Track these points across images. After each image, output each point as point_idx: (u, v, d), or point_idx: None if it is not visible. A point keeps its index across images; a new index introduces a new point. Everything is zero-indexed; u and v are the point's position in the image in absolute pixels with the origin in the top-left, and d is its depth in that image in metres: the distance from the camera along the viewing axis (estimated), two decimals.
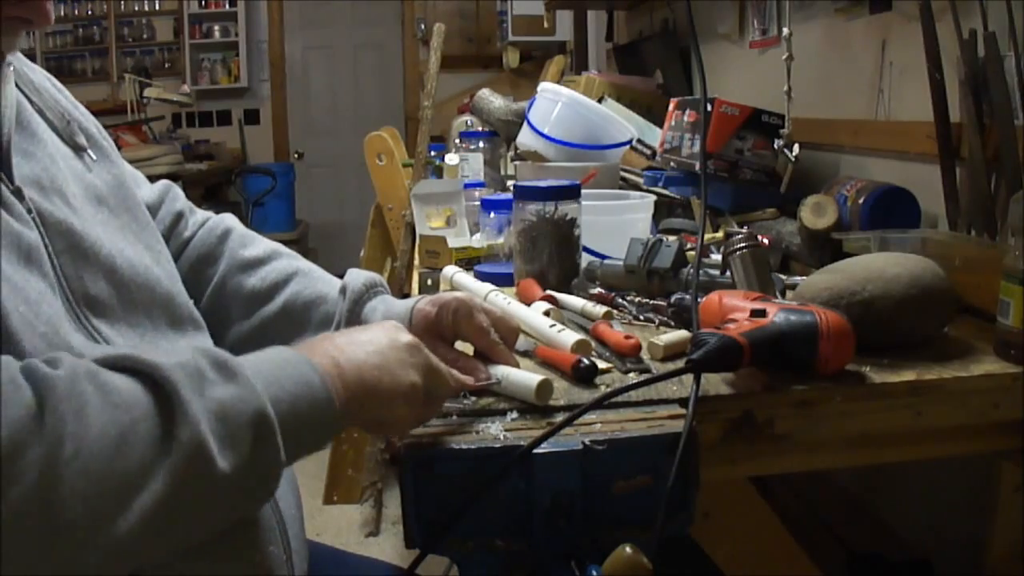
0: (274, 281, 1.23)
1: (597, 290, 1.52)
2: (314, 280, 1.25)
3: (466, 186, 2.30)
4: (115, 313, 0.96)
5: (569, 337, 1.21)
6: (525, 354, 1.25)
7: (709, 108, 2.04)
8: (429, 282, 1.61)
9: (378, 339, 0.92)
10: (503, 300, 1.38)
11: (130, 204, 1.07)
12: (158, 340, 1.00)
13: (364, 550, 3.12)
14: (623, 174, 2.45)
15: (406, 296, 1.33)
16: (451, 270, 1.64)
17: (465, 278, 1.59)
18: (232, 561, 0.92)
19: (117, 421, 0.68)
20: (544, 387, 1.04)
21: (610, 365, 1.18)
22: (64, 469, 0.64)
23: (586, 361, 1.14)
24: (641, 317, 1.41)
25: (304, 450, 0.82)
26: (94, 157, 1.07)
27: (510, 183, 2.38)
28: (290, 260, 1.28)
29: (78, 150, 1.05)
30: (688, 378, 1.04)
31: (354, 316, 1.19)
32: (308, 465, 3.58)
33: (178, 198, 1.31)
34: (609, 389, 1.09)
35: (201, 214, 1.34)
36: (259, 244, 1.30)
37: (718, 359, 1.04)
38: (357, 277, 1.23)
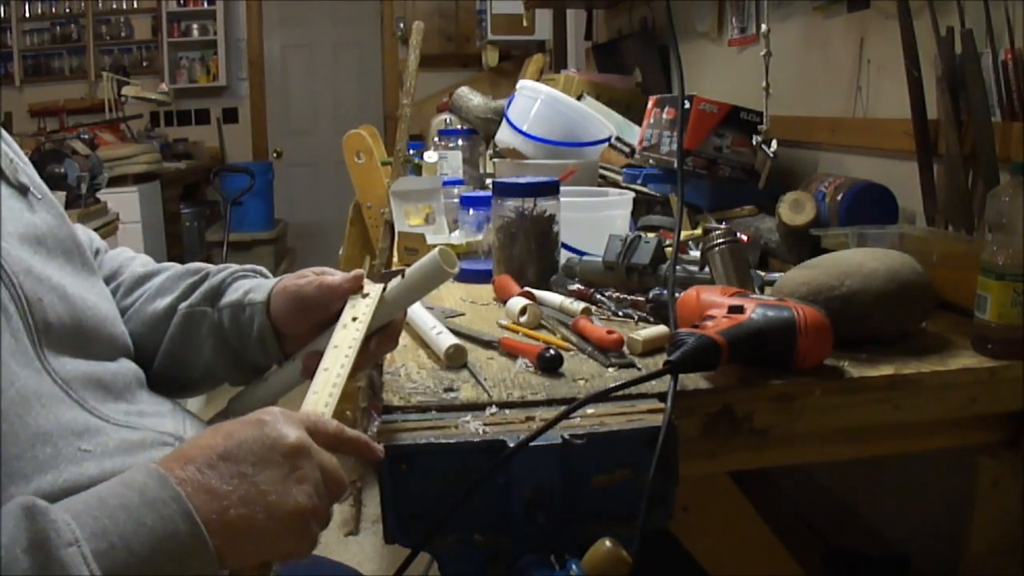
0: (157, 267, 1.24)
1: (576, 286, 1.52)
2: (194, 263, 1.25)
3: (445, 183, 2.30)
4: (64, 340, 0.95)
5: (445, 340, 1.21)
6: (490, 345, 1.25)
7: (687, 105, 2.05)
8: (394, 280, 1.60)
9: (245, 454, 0.79)
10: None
11: (68, 246, 1.04)
12: (94, 366, 0.98)
13: (344, 549, 3.11)
14: (602, 171, 2.45)
15: None
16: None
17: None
18: None
19: None
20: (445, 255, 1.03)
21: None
22: None
23: (552, 351, 1.14)
24: (620, 313, 1.42)
25: None
26: (39, 196, 1.03)
27: (489, 180, 2.37)
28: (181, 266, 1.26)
29: (22, 190, 1.01)
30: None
31: (224, 286, 1.17)
32: None
33: (94, 239, 1.28)
34: (593, 389, 1.09)
35: (112, 252, 1.32)
36: (155, 264, 1.28)
37: (696, 359, 1.04)
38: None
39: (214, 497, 0.76)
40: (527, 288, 1.47)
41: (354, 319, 1.02)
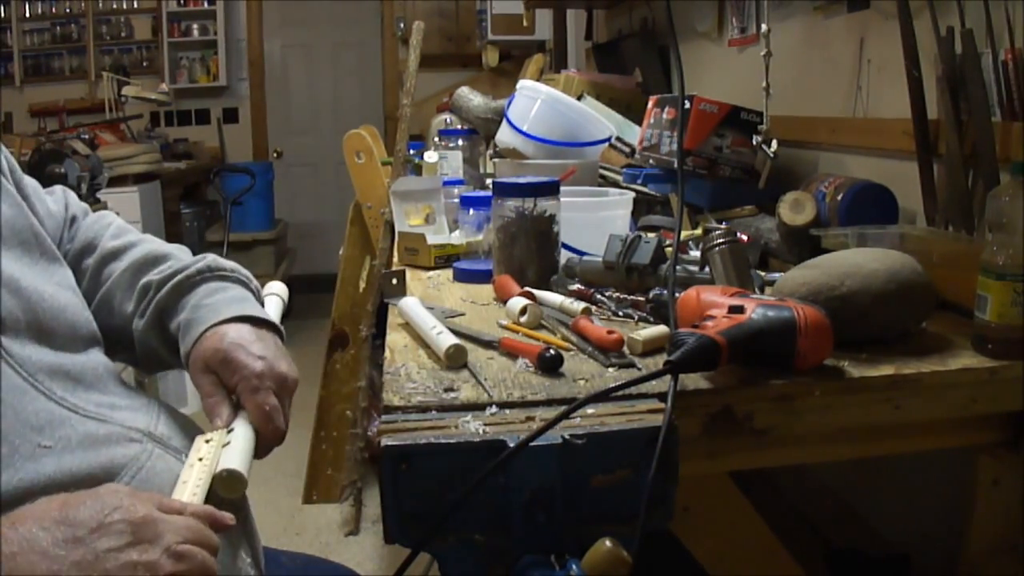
0: (125, 244, 1.22)
1: (576, 286, 1.52)
2: (161, 244, 1.24)
3: (445, 183, 2.30)
4: (22, 333, 0.94)
5: (445, 340, 1.20)
6: (490, 345, 1.26)
7: (687, 105, 2.04)
8: (394, 281, 1.60)
9: (84, 519, 0.79)
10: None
11: (26, 236, 1.04)
12: (61, 357, 0.98)
13: (344, 549, 3.12)
14: (602, 171, 2.45)
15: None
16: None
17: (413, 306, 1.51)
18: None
19: None
20: (228, 481, 0.95)
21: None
22: None
23: (552, 351, 1.14)
24: (620, 313, 1.41)
25: None
26: None
27: (489, 180, 2.37)
28: (152, 244, 1.25)
29: None
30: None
31: (199, 278, 1.16)
32: (287, 464, 3.57)
33: (71, 205, 1.27)
34: (593, 389, 1.09)
35: (91, 216, 1.31)
36: (132, 235, 1.27)
37: (696, 359, 1.04)
38: (223, 260, 1.21)
39: (44, 559, 0.75)
40: (527, 288, 1.47)
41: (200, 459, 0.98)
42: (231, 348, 1.05)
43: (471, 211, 1.94)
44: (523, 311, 1.35)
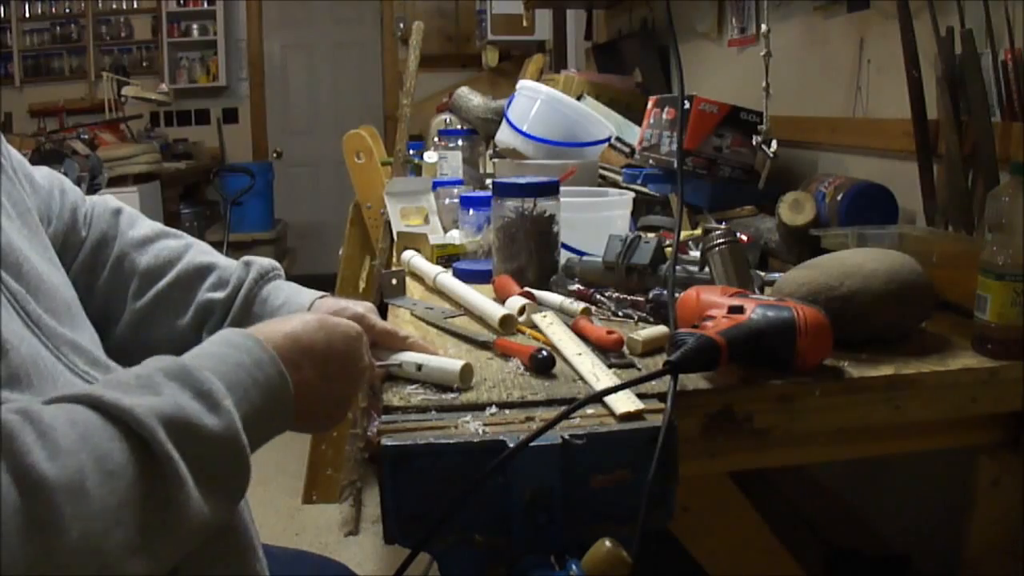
0: (167, 258, 1.23)
1: (576, 286, 1.52)
2: (205, 251, 1.27)
3: (444, 183, 2.30)
4: (39, 306, 0.94)
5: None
6: (485, 345, 1.26)
7: (687, 105, 2.04)
8: (394, 281, 1.60)
9: (335, 358, 0.96)
10: (451, 281, 1.49)
11: (20, 210, 1.02)
12: (75, 333, 0.97)
13: (344, 549, 3.11)
14: (602, 171, 2.45)
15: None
16: (408, 254, 1.77)
17: (420, 262, 1.72)
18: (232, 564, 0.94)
19: (115, 490, 0.68)
20: (467, 371, 1.09)
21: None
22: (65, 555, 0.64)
23: (544, 352, 1.14)
24: (620, 313, 1.41)
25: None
26: None
27: (489, 180, 2.37)
28: (180, 239, 1.28)
29: None
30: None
31: (257, 288, 1.21)
32: (287, 464, 3.56)
33: (68, 191, 1.27)
34: (593, 389, 1.09)
35: (90, 200, 1.31)
36: (145, 223, 1.29)
37: (696, 359, 1.04)
38: (258, 258, 1.27)
39: (296, 370, 0.89)
40: (527, 288, 1.47)
41: None
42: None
43: (471, 211, 1.93)
44: (521, 311, 1.35)
